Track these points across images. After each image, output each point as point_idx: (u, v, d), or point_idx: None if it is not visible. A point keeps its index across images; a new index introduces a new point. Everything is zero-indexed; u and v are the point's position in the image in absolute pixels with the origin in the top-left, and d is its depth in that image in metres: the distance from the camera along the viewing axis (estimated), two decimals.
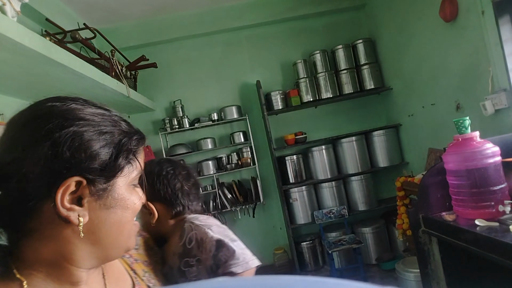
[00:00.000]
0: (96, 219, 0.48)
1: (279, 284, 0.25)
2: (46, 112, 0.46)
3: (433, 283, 1.45)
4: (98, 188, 0.48)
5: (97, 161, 0.47)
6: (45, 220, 0.45)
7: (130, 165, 0.52)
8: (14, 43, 1.44)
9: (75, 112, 0.47)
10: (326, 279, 0.25)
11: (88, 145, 0.46)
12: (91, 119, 0.48)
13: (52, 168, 0.44)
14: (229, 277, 0.84)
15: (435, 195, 1.43)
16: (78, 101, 0.50)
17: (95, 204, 0.48)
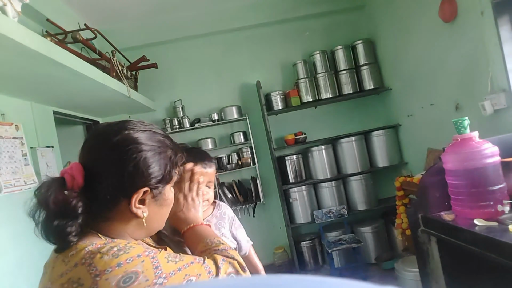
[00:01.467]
0: (152, 213, 0.71)
1: (279, 283, 0.26)
2: (126, 139, 0.66)
3: (432, 282, 1.46)
4: (156, 192, 0.69)
5: (158, 175, 0.68)
6: (120, 212, 0.67)
7: (176, 174, 0.74)
8: (15, 44, 1.44)
9: (141, 139, 0.68)
10: (326, 279, 0.25)
11: (153, 164, 0.67)
12: (152, 144, 0.69)
13: (131, 180, 0.65)
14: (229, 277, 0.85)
15: (434, 195, 1.44)
16: (141, 127, 0.70)
17: (153, 203, 0.70)
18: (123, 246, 0.61)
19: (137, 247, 0.62)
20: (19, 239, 1.97)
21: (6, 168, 1.90)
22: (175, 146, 0.75)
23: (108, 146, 0.66)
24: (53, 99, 2.50)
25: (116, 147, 0.65)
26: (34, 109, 2.37)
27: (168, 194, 0.73)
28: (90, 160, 0.66)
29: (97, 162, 0.65)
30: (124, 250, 0.60)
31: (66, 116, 2.89)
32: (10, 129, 2.01)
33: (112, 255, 0.58)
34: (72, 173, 0.63)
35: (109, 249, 0.59)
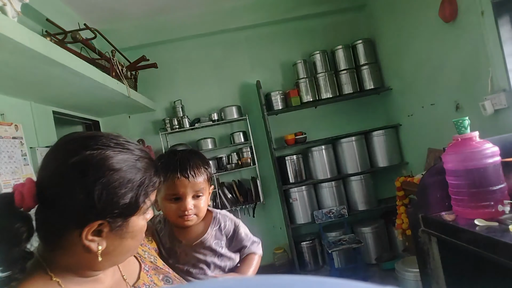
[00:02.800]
0: (111, 245, 0.59)
1: (279, 284, 0.26)
2: (84, 162, 0.55)
3: (432, 282, 1.45)
4: (116, 225, 0.58)
5: (120, 206, 0.57)
6: (73, 242, 0.57)
7: (145, 203, 0.62)
8: (14, 44, 1.44)
9: (108, 162, 0.57)
10: (326, 279, 0.25)
11: (114, 193, 0.56)
12: (120, 168, 0.57)
13: (83, 212, 0.55)
14: (229, 277, 0.85)
15: (434, 195, 1.44)
16: (110, 144, 0.59)
17: (112, 235, 0.59)
18: None
19: None
20: None
21: (6, 168, 1.90)
22: (149, 168, 0.62)
23: (63, 167, 0.55)
24: (52, 99, 2.50)
25: (71, 169, 0.55)
26: (34, 109, 2.37)
27: (133, 225, 0.61)
28: (44, 177, 0.57)
29: (50, 182, 0.56)
30: None
31: (65, 116, 2.89)
32: (10, 129, 2.01)
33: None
34: (22, 190, 0.55)
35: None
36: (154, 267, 0.79)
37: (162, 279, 0.77)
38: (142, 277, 0.73)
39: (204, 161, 0.98)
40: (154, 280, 0.75)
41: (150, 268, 0.78)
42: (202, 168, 0.95)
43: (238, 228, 1.05)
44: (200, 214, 0.96)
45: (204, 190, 0.95)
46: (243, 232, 1.05)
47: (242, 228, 1.06)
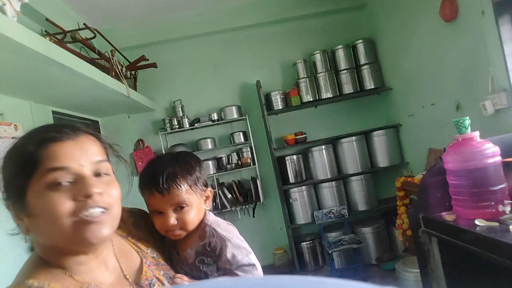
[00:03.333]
0: (32, 225, 0.59)
1: (279, 284, 0.25)
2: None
3: (433, 283, 1.45)
4: (16, 205, 0.58)
5: (8, 187, 0.59)
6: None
7: (26, 179, 0.57)
8: (14, 43, 1.44)
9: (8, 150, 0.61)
10: (326, 279, 0.25)
11: (4, 176, 0.60)
12: (11, 149, 0.61)
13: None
14: (229, 277, 0.84)
15: (435, 195, 1.43)
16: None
17: (26, 215, 0.58)
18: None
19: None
20: (18, 239, 1.97)
21: None
22: (15, 150, 0.60)
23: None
24: (52, 99, 2.50)
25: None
26: (33, 109, 2.36)
27: (32, 201, 0.57)
28: None
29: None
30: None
31: (65, 116, 2.89)
32: (9, 129, 2.01)
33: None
34: None
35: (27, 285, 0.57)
36: (155, 263, 0.78)
37: (163, 275, 0.76)
38: (144, 271, 0.72)
39: (186, 167, 0.87)
40: (156, 274, 0.74)
41: (152, 263, 0.76)
42: (180, 177, 0.84)
43: (225, 247, 0.86)
44: (187, 227, 0.85)
45: (188, 200, 0.85)
46: (229, 254, 0.85)
47: (230, 248, 0.86)
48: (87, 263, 0.63)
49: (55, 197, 0.56)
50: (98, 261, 0.65)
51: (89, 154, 0.61)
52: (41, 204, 0.56)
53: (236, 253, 0.85)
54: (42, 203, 0.56)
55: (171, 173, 0.84)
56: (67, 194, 0.57)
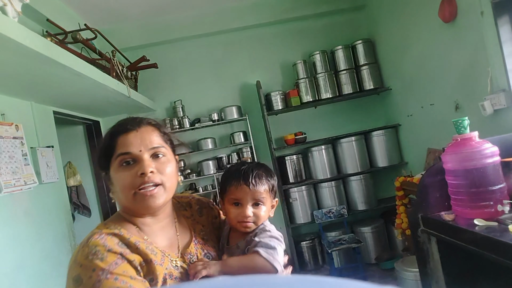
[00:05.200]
0: (115, 192, 0.81)
1: (279, 283, 0.26)
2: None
3: (432, 282, 1.46)
4: (106, 176, 0.82)
5: (100, 160, 0.82)
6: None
7: (108, 159, 0.79)
8: (15, 44, 1.44)
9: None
10: (326, 279, 0.25)
11: (98, 150, 0.85)
12: (103, 136, 0.86)
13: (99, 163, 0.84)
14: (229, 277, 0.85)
15: (434, 195, 1.44)
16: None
17: (111, 184, 0.81)
18: (99, 251, 0.70)
19: (106, 259, 0.69)
20: (19, 239, 1.97)
21: (6, 168, 1.90)
22: (107, 136, 0.82)
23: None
24: (53, 99, 2.50)
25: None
26: (34, 109, 2.37)
27: (112, 175, 0.80)
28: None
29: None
30: (96, 254, 0.69)
31: (66, 116, 2.89)
32: (10, 129, 2.01)
33: (88, 253, 0.70)
34: None
35: (94, 245, 0.71)
36: (202, 243, 0.92)
37: (204, 254, 0.90)
38: (191, 247, 0.88)
39: (268, 173, 1.00)
40: (198, 252, 0.89)
41: (199, 243, 0.92)
42: (264, 179, 0.97)
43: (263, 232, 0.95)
44: (259, 222, 0.97)
45: (265, 199, 0.97)
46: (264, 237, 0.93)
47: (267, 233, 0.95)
48: (150, 225, 0.82)
49: (123, 173, 0.77)
50: (159, 226, 0.84)
51: (147, 141, 0.80)
52: (116, 178, 0.78)
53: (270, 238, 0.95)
54: (116, 177, 0.78)
55: (258, 173, 0.98)
56: (132, 171, 0.77)
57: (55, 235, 2.36)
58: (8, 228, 1.91)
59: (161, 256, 0.79)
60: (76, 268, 0.69)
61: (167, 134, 0.88)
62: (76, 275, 0.68)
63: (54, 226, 2.37)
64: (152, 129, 0.84)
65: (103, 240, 0.72)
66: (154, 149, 0.80)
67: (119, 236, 0.75)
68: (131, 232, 0.78)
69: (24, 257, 1.98)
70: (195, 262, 0.87)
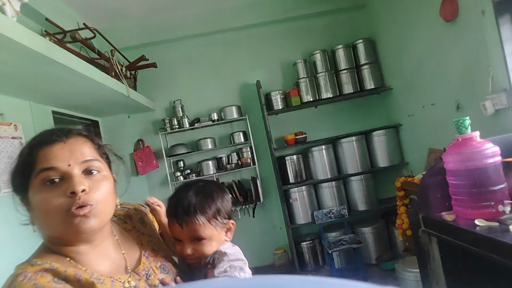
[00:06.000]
0: (35, 218, 0.67)
1: (279, 284, 0.25)
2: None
3: (432, 283, 1.45)
4: (24, 199, 0.67)
5: (15, 185, 0.68)
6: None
7: (26, 177, 0.65)
8: (14, 43, 1.44)
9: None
10: (326, 279, 0.25)
11: (12, 171, 0.69)
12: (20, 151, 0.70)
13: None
14: (229, 277, 0.84)
15: (435, 195, 1.43)
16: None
17: (31, 209, 0.66)
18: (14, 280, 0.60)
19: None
20: (19, 239, 1.97)
21: (5, 168, 1.89)
22: (20, 154, 0.69)
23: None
24: (52, 99, 2.50)
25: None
26: (33, 109, 2.36)
27: (31, 196, 0.65)
28: None
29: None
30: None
31: (65, 116, 2.89)
32: (9, 129, 2.01)
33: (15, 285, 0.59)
34: None
35: (18, 273, 0.61)
36: (154, 255, 0.83)
37: (159, 266, 0.81)
38: (143, 262, 0.78)
39: (207, 202, 0.86)
40: (152, 266, 0.79)
41: (150, 255, 0.82)
42: (199, 213, 0.84)
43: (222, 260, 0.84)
44: (204, 256, 0.86)
45: (207, 233, 0.84)
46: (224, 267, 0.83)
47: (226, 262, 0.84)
48: (86, 253, 0.69)
49: (48, 193, 0.63)
50: (97, 252, 0.71)
51: (78, 154, 0.67)
52: (38, 200, 0.63)
53: (229, 268, 0.84)
54: (38, 198, 0.63)
55: (190, 207, 0.84)
56: (58, 191, 0.63)
57: None
58: (8, 228, 1.90)
59: (110, 282, 0.67)
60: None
61: (102, 146, 0.76)
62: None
63: None
64: (84, 140, 0.71)
65: (32, 282, 0.58)
66: (86, 162, 0.67)
67: (52, 271, 0.61)
68: (65, 265, 0.65)
69: (24, 257, 1.97)
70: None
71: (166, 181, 3.59)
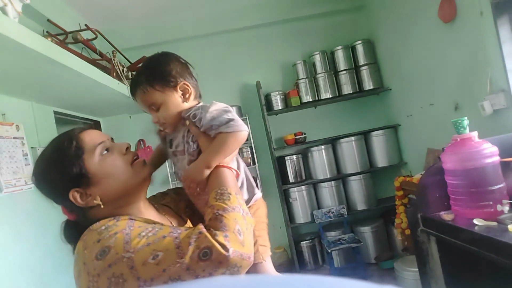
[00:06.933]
0: (101, 193, 0.76)
1: (279, 283, 0.26)
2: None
3: (431, 282, 1.46)
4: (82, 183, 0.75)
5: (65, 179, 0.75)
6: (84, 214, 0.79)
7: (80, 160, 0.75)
8: (15, 44, 1.44)
9: (40, 162, 0.82)
10: (326, 278, 0.25)
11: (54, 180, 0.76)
12: (45, 160, 0.81)
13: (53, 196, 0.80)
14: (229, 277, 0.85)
15: (433, 194, 1.44)
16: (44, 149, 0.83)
17: (92, 188, 0.76)
18: (109, 225, 0.69)
19: (120, 225, 0.69)
20: (20, 239, 1.98)
21: (7, 168, 1.90)
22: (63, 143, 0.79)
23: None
24: (53, 99, 2.50)
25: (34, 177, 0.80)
26: (35, 109, 2.37)
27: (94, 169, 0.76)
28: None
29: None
30: (107, 228, 0.68)
31: (66, 116, 2.89)
32: (11, 129, 2.01)
33: (98, 232, 0.68)
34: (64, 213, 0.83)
35: (99, 227, 0.70)
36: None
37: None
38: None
39: (148, 71, 0.92)
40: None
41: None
42: (142, 85, 0.89)
43: (206, 110, 0.90)
44: (167, 121, 0.93)
45: (160, 98, 0.90)
46: (209, 115, 0.90)
47: (211, 109, 0.91)
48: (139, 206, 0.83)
49: (114, 157, 0.79)
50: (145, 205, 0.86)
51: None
52: (106, 167, 0.77)
53: (216, 113, 0.91)
54: (107, 165, 0.77)
55: (136, 80, 0.92)
56: (116, 154, 0.80)
57: (56, 235, 2.34)
58: (9, 228, 1.91)
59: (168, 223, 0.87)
60: (93, 247, 0.65)
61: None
62: (99, 250, 0.64)
63: (55, 226, 2.36)
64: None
65: (106, 221, 0.71)
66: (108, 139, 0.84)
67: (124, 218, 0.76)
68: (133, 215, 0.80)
69: (25, 257, 1.98)
70: (183, 178, 0.88)
71: (167, 181, 3.60)
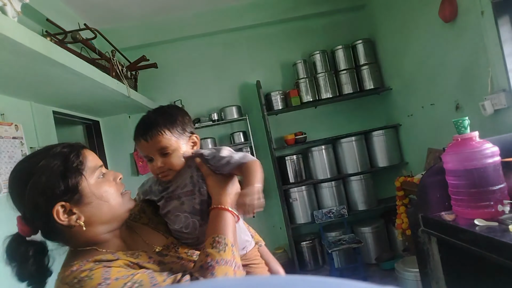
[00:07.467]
0: (88, 213, 0.74)
1: (279, 283, 0.26)
2: (13, 178, 0.76)
3: (432, 282, 1.45)
4: (75, 200, 0.72)
5: (59, 190, 0.70)
6: (62, 230, 0.74)
7: (81, 176, 0.73)
8: (14, 44, 1.44)
9: (31, 167, 0.72)
10: (326, 279, 0.25)
11: (49, 185, 0.70)
12: (41, 166, 0.71)
13: (35, 209, 0.72)
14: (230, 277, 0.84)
15: (434, 195, 1.44)
16: (26, 157, 0.78)
17: (81, 207, 0.73)
18: (82, 277, 0.66)
19: (94, 277, 0.65)
20: None
21: (6, 168, 1.90)
22: (65, 154, 0.74)
23: (11, 188, 0.75)
24: (52, 99, 2.50)
25: (12, 186, 0.75)
26: (34, 109, 2.36)
27: (90, 191, 0.74)
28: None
29: (16, 205, 0.76)
30: (80, 282, 0.65)
31: (66, 116, 2.89)
32: (10, 129, 2.01)
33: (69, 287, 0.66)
34: (18, 225, 0.77)
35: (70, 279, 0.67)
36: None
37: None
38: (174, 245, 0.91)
39: (166, 117, 0.94)
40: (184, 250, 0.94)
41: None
42: (161, 125, 0.91)
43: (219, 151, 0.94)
44: (174, 168, 0.93)
45: (170, 145, 0.91)
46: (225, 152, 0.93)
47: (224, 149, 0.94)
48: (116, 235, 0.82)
49: (109, 183, 0.79)
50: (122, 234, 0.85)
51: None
52: (101, 190, 0.76)
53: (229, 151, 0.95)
54: (101, 189, 0.76)
55: (152, 121, 0.92)
56: (111, 180, 0.81)
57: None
58: (8, 228, 1.90)
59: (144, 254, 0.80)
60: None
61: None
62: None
63: None
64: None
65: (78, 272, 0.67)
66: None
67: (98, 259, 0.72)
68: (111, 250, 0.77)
69: None
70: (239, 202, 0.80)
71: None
